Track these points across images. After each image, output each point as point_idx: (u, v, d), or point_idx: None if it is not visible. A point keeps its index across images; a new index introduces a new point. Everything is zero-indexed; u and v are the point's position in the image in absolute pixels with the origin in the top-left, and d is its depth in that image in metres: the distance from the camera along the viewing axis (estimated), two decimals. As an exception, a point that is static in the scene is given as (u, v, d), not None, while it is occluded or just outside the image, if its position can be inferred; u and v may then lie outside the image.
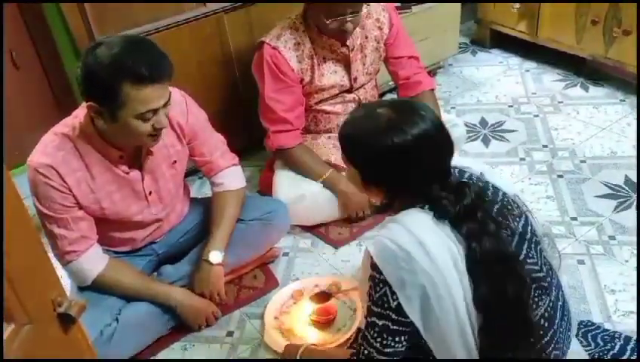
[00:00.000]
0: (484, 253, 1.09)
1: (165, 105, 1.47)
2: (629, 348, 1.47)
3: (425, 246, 1.08)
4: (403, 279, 1.09)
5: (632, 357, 1.45)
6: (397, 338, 1.15)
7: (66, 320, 0.73)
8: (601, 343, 1.49)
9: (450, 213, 1.11)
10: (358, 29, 2.02)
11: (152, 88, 1.40)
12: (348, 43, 2.01)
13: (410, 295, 1.09)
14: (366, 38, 2.07)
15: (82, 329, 0.79)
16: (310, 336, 1.72)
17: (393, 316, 1.13)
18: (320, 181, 2.06)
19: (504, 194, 1.21)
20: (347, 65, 2.07)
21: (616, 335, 1.51)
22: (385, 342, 1.16)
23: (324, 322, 1.74)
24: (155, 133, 1.50)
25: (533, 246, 1.19)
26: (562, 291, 1.28)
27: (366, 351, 1.19)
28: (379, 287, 1.12)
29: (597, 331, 1.53)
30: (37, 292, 0.70)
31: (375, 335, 1.16)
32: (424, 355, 1.19)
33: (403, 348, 1.17)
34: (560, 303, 1.24)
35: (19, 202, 0.70)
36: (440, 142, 1.15)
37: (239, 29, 2.26)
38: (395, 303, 1.11)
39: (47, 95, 2.39)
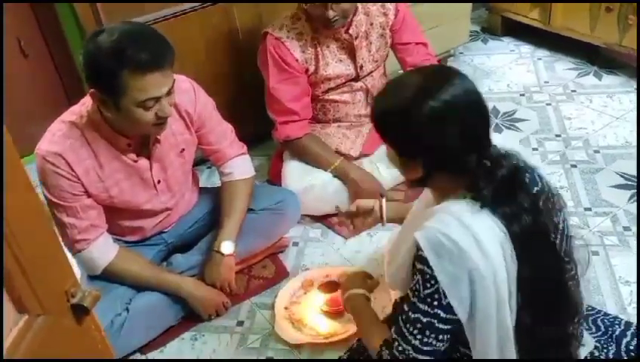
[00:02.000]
0: (524, 232, 1.06)
1: (169, 93, 1.44)
2: (629, 333, 1.46)
3: (479, 241, 1.04)
4: (457, 277, 1.05)
5: (631, 341, 1.44)
6: (440, 337, 1.11)
7: (80, 311, 0.72)
8: (603, 328, 1.48)
9: (486, 188, 1.07)
10: (362, 15, 1.98)
11: (151, 76, 1.37)
12: (351, 31, 1.98)
13: (462, 295, 1.06)
14: (371, 24, 2.04)
15: (95, 319, 0.78)
16: (321, 326, 1.71)
17: (442, 314, 1.08)
18: (330, 170, 2.04)
19: (549, 185, 1.18)
20: (352, 53, 2.04)
21: (616, 321, 1.50)
22: (426, 339, 1.11)
23: (335, 312, 1.73)
24: (160, 122, 1.48)
25: (565, 242, 1.16)
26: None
27: (400, 348, 1.13)
28: (429, 284, 1.07)
29: (597, 315, 1.52)
30: (51, 282, 0.69)
31: (416, 332, 1.11)
32: (457, 352, 1.16)
33: (443, 347, 1.13)
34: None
35: (32, 192, 0.68)
36: (474, 107, 1.09)
37: (248, 18, 2.23)
38: (447, 301, 1.07)
39: (55, 83, 2.38)
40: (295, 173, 2.06)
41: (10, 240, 0.62)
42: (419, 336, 1.11)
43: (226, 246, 1.73)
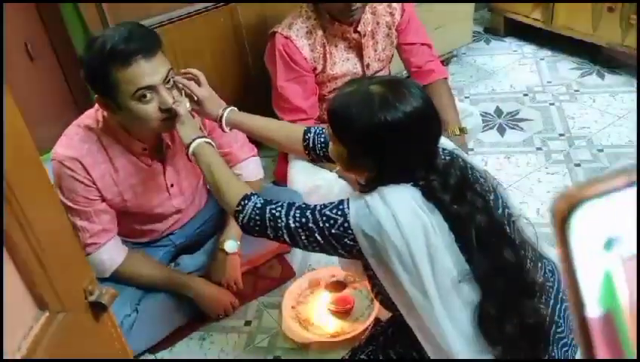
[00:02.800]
0: (479, 231, 1.09)
1: (167, 82, 1.41)
2: None
3: (396, 218, 1.08)
4: (372, 241, 1.10)
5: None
6: (308, 242, 1.17)
7: (98, 308, 0.74)
8: None
9: (441, 197, 1.10)
10: (369, 15, 2.00)
11: (136, 65, 1.35)
12: (359, 29, 1.99)
13: (367, 244, 1.10)
14: (377, 24, 2.05)
15: (112, 317, 0.79)
16: (328, 326, 1.72)
17: (332, 239, 1.13)
18: (335, 170, 2.05)
19: (473, 168, 1.21)
20: (359, 52, 2.05)
21: None
22: (301, 231, 1.16)
23: (342, 311, 1.74)
24: (166, 116, 1.44)
25: (505, 219, 1.19)
26: (550, 266, 1.29)
27: (274, 212, 1.19)
28: (340, 218, 1.12)
29: None
30: (70, 280, 0.70)
31: (298, 219, 1.16)
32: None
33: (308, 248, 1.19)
34: (539, 272, 1.24)
35: (51, 191, 0.70)
36: (430, 121, 1.13)
37: (253, 19, 2.25)
38: (348, 240, 1.12)
39: (62, 86, 2.39)
40: (301, 174, 2.07)
41: (30, 236, 0.63)
42: (297, 223, 1.16)
43: (230, 245, 1.74)
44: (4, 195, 0.58)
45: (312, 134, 1.45)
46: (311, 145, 1.45)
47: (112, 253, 1.63)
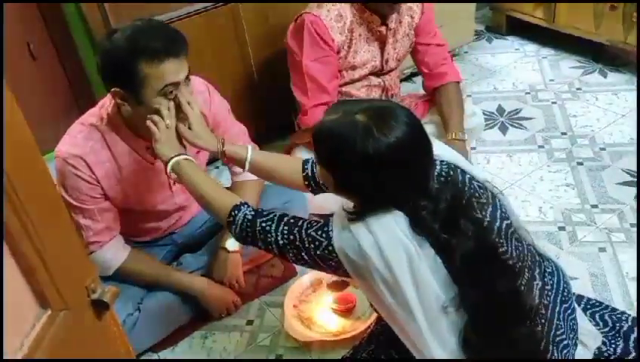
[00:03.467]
0: (468, 260, 1.08)
1: (186, 80, 1.45)
2: (636, 328, 1.47)
3: (379, 246, 1.07)
4: (356, 265, 1.11)
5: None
6: (296, 257, 1.19)
7: (100, 307, 0.74)
8: (610, 323, 1.48)
9: (430, 227, 1.08)
10: (394, 13, 2.01)
11: (168, 62, 1.38)
12: (387, 22, 2.00)
13: (351, 269, 1.12)
14: (400, 23, 2.06)
15: (114, 315, 0.79)
16: (330, 324, 1.72)
17: (314, 256, 1.15)
18: None
19: (471, 180, 1.18)
20: (381, 46, 2.05)
21: (623, 317, 1.51)
22: (288, 247, 1.19)
23: (344, 310, 1.75)
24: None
25: (503, 232, 1.17)
26: (550, 268, 1.30)
27: (264, 225, 1.21)
28: (326, 244, 1.14)
29: (605, 311, 1.52)
30: (72, 278, 0.71)
31: (286, 235, 1.19)
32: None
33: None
34: (537, 282, 1.22)
35: (53, 189, 0.70)
36: (418, 152, 1.09)
37: (254, 18, 2.25)
38: (333, 262, 1.13)
39: (64, 86, 2.40)
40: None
41: (32, 234, 0.63)
42: (285, 240, 1.18)
43: (232, 243, 1.74)
44: (4, 192, 0.58)
45: (309, 164, 1.43)
46: (310, 174, 1.43)
47: (115, 252, 1.64)
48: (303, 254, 1.18)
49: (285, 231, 1.19)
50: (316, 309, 1.77)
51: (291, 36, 2.03)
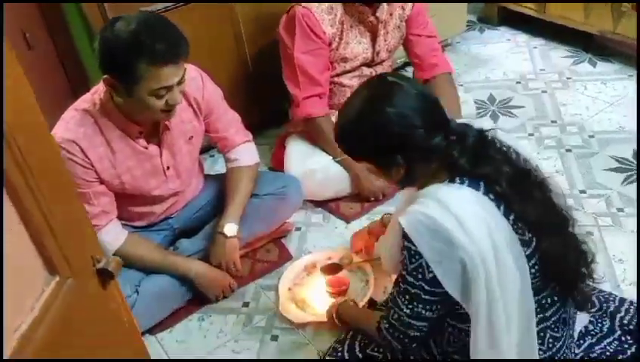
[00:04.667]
0: (510, 182, 1.14)
1: (180, 82, 1.49)
2: (622, 308, 1.52)
3: (459, 219, 1.10)
4: (440, 253, 1.12)
5: (625, 316, 1.49)
6: (427, 307, 1.20)
7: (105, 275, 0.77)
8: (598, 304, 1.53)
9: (462, 158, 1.15)
10: (385, 5, 2.03)
11: (167, 68, 1.42)
12: (377, 14, 2.02)
13: (448, 268, 1.12)
14: (390, 15, 2.09)
15: (118, 286, 0.82)
16: (323, 306, 1.75)
17: (426, 287, 1.16)
18: (337, 160, 2.07)
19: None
20: (373, 37, 2.08)
21: (610, 298, 1.56)
22: (415, 309, 1.20)
23: (337, 293, 1.78)
24: (169, 109, 1.52)
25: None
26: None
27: (395, 316, 1.24)
28: (414, 259, 1.15)
29: (592, 292, 1.57)
30: (78, 247, 0.74)
31: (406, 302, 1.21)
32: (463, 323, 1.23)
33: (434, 315, 1.22)
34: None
35: (59, 163, 0.73)
36: (422, 97, 1.20)
37: (250, 9, 2.27)
38: (431, 275, 1.14)
39: (60, 75, 2.41)
40: (297, 157, 2.10)
41: (40, 200, 0.66)
42: (410, 306, 1.20)
43: (229, 228, 1.77)
44: (12, 158, 0.61)
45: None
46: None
47: (112, 235, 1.66)
48: (423, 296, 1.18)
49: (405, 300, 1.21)
50: (310, 292, 1.81)
51: (283, 28, 2.06)
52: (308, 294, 1.80)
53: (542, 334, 1.22)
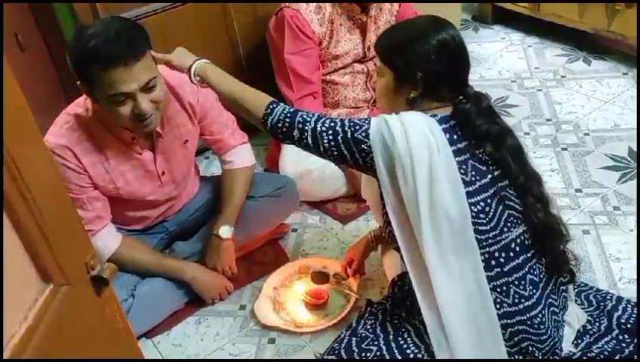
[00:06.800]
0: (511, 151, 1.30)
1: (148, 90, 1.43)
2: (620, 307, 1.52)
3: (407, 134, 1.23)
4: (385, 149, 1.24)
5: (622, 315, 1.49)
6: (333, 144, 1.28)
7: (100, 282, 0.76)
8: (595, 303, 1.53)
9: (473, 120, 1.26)
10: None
11: (115, 71, 1.36)
12: (367, 11, 2.02)
13: (380, 154, 1.25)
14: (380, 10, 2.09)
15: (113, 292, 0.81)
16: (297, 314, 1.74)
17: (353, 138, 1.26)
18: None
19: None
20: (362, 34, 2.08)
21: (607, 296, 1.56)
22: (326, 136, 1.28)
23: (313, 304, 1.74)
24: (140, 120, 1.45)
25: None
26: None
27: (312, 124, 1.30)
28: (366, 125, 1.27)
29: (589, 291, 1.57)
30: (72, 253, 0.73)
31: (326, 125, 1.29)
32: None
33: (328, 155, 1.31)
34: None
35: (52, 169, 0.72)
36: (464, 49, 1.33)
37: (244, 9, 2.26)
38: (365, 146, 1.25)
39: (53, 76, 2.39)
40: (292, 157, 2.09)
41: (32, 206, 0.65)
42: (325, 126, 1.29)
43: (225, 231, 1.76)
44: (4, 165, 0.60)
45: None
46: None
47: (107, 240, 1.65)
48: (338, 137, 1.27)
49: (326, 121, 1.30)
50: (293, 296, 1.79)
51: (272, 30, 2.06)
52: (289, 298, 1.78)
53: (505, 288, 1.28)
